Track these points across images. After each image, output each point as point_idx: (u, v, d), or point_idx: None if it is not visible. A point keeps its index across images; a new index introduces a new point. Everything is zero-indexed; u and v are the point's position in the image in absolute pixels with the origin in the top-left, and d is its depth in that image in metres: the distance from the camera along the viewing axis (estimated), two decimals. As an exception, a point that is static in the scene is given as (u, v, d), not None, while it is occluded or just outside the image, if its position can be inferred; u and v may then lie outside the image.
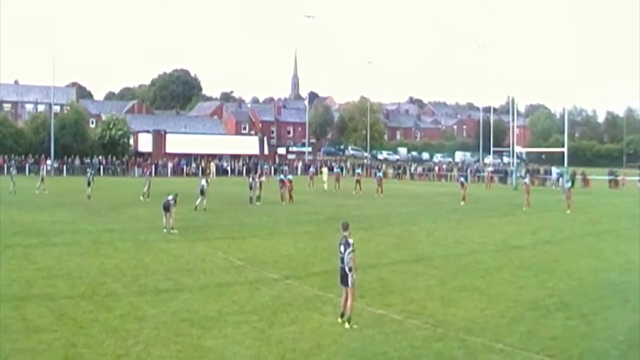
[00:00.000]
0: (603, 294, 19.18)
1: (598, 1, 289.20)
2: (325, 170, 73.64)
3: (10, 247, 25.64)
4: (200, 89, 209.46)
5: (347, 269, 15.42)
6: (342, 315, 15.56)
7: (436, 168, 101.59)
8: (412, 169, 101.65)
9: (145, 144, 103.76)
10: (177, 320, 15.70)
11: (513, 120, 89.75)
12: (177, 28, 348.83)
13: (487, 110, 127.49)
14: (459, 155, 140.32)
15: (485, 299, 18.31)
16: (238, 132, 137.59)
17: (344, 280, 15.56)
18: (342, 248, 15.62)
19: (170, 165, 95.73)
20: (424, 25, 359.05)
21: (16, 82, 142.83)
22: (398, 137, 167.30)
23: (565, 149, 75.26)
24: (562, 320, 16.25)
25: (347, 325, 15.14)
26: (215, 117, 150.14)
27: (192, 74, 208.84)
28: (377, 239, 29.13)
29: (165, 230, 30.88)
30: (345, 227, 15.93)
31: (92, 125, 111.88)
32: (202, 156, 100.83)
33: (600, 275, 22.12)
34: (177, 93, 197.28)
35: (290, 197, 49.08)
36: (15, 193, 50.74)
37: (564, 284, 20.61)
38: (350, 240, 15.57)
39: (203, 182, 43.16)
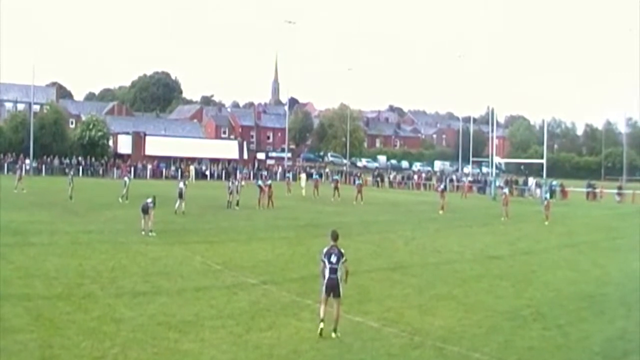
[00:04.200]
0: (580, 305, 19.27)
1: (577, 14, 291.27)
2: (303, 176, 73.69)
3: (-14, 247, 25.43)
4: (181, 92, 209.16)
5: (339, 280, 15.07)
6: (321, 332, 14.99)
7: (415, 177, 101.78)
8: (391, 177, 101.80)
9: (124, 145, 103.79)
10: (154, 323, 15.63)
11: (492, 130, 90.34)
12: (158, 30, 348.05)
13: (466, 120, 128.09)
14: (438, 165, 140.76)
15: (463, 308, 18.34)
16: (218, 136, 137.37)
17: (335, 291, 15.07)
18: (333, 258, 15.10)
19: (149, 167, 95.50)
20: (405, 33, 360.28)
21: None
22: (377, 145, 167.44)
23: (544, 161, 75.84)
24: (539, 330, 16.31)
25: (333, 334, 14.82)
26: (195, 120, 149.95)
27: (173, 77, 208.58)
28: (356, 246, 29.02)
29: (143, 233, 30.73)
30: (336, 237, 15.55)
31: (72, 126, 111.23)
32: (182, 159, 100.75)
33: (577, 287, 22.23)
34: (157, 95, 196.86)
35: (272, 202, 49.03)
36: (-7, 192, 50.42)
37: (541, 294, 20.70)
38: (342, 250, 15.27)
39: (181, 184, 42.99)
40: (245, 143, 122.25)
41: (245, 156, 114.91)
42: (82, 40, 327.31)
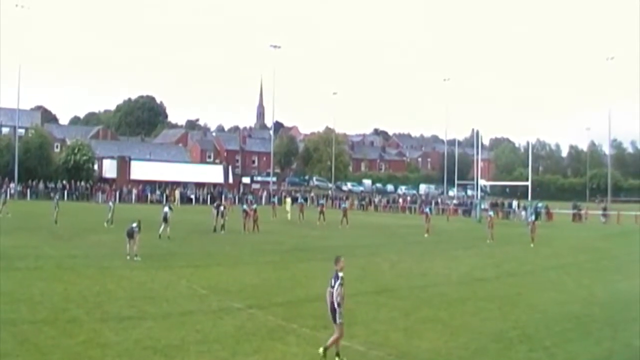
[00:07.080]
0: (566, 326, 19.27)
1: (561, 36, 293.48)
2: (288, 200, 73.60)
3: (-30, 272, 25.24)
4: (166, 116, 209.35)
5: (335, 304, 14.68)
6: (337, 355, 14.78)
7: (400, 200, 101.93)
8: (377, 200, 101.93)
9: (109, 169, 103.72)
10: (140, 348, 15.53)
11: (477, 153, 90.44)
12: (143, 53, 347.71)
13: (451, 143, 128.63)
14: (423, 188, 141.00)
15: (449, 331, 18.31)
16: (203, 161, 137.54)
17: (333, 314, 14.79)
18: (332, 282, 14.88)
19: (134, 191, 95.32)
20: (390, 57, 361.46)
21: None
22: (363, 168, 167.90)
23: (529, 183, 76.16)
24: (525, 352, 16.30)
25: (337, 359, 14.61)
26: (181, 144, 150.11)
27: (158, 101, 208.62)
28: (342, 269, 28.99)
29: (128, 257, 30.56)
30: (336, 261, 15.17)
31: (57, 150, 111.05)
32: (167, 184, 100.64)
33: (563, 308, 22.23)
34: (142, 119, 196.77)
35: (257, 226, 48.93)
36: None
37: (528, 316, 20.69)
38: (340, 274, 14.81)
39: (166, 209, 42.73)
40: (230, 167, 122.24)
41: (231, 180, 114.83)
42: (67, 64, 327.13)
